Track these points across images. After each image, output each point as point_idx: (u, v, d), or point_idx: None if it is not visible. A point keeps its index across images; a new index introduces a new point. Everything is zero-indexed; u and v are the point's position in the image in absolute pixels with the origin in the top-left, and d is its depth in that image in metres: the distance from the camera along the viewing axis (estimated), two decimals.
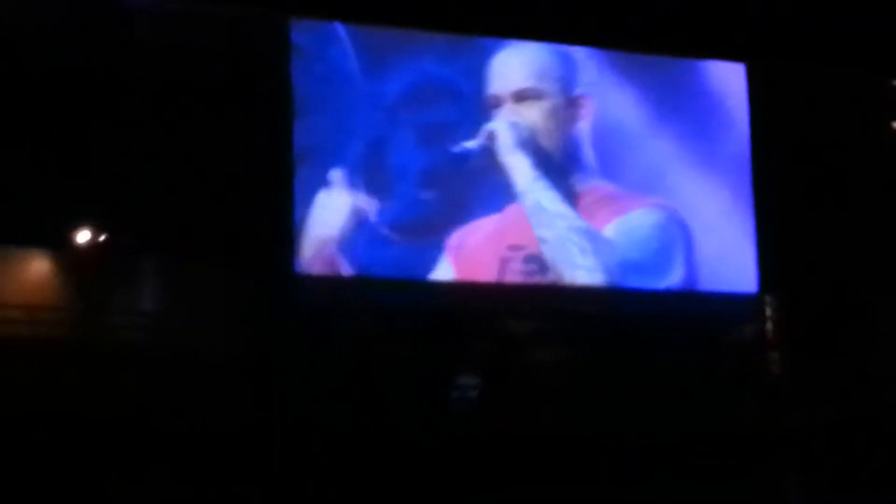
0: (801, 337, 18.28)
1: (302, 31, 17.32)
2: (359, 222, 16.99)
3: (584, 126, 17.81)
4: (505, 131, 17.37)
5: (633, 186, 17.96)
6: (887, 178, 18.84)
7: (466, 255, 17.23)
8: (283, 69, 17.11)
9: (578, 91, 17.91)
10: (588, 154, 17.81)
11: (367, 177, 17.13)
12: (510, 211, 17.42)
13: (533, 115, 17.55)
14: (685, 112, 18.50)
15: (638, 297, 17.68)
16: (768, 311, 18.35)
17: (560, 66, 17.96)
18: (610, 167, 17.91)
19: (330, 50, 17.30)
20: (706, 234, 18.02)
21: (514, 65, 17.85)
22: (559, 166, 17.59)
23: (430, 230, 17.21)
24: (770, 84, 18.54)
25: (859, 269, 18.46)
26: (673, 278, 17.71)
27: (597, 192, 17.74)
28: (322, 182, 16.96)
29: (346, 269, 16.89)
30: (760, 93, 18.56)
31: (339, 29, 17.39)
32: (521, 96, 17.63)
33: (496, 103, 17.56)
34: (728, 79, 18.82)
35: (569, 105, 17.78)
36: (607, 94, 18.07)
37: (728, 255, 18.17)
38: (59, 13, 16.57)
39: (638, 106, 18.19)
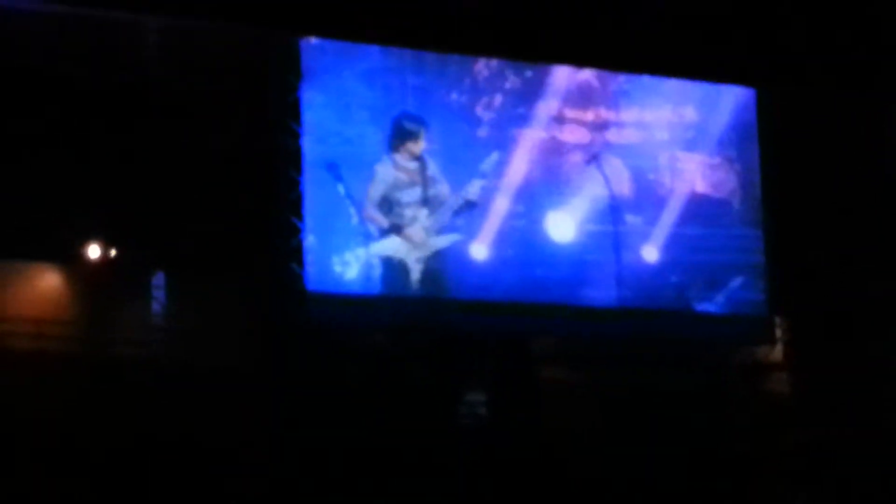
0: (810, 358, 18.27)
1: (312, 51, 17.23)
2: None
3: None
4: None
5: None
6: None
7: None
8: (293, 87, 17.06)
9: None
10: None
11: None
12: None
13: None
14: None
15: (648, 318, 17.64)
16: (778, 333, 18.35)
17: None
18: None
19: (340, 69, 17.25)
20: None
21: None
22: None
23: None
24: (780, 108, 18.53)
25: (868, 291, 18.44)
26: None
27: None
28: (332, 199, 16.88)
29: (355, 287, 16.82)
30: (770, 116, 18.54)
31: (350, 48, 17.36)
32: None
33: None
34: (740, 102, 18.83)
35: None
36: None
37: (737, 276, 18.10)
38: (67, 27, 16.52)
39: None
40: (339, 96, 17.24)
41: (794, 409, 18.04)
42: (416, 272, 17.01)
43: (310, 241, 16.70)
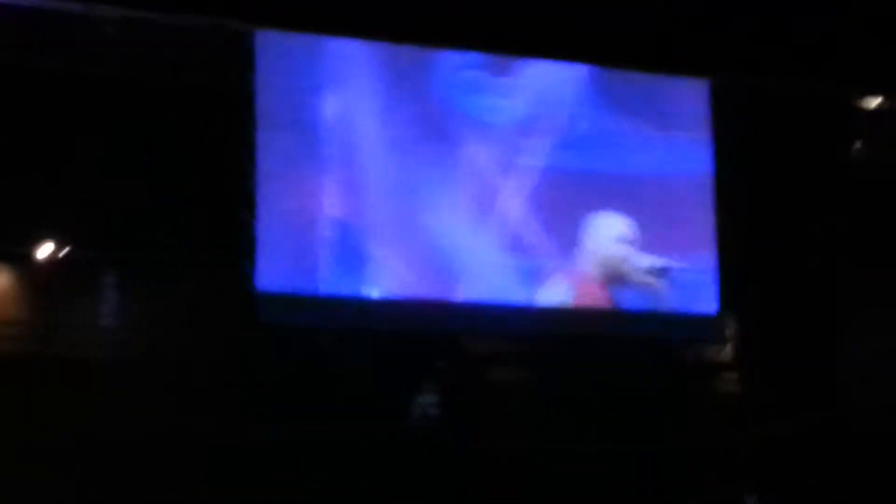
0: (760, 356, 18.36)
1: (266, 44, 17.12)
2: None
3: None
4: None
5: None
6: (850, 197, 18.89)
7: None
8: (246, 81, 16.94)
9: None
10: None
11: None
12: None
13: None
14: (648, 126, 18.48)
15: (599, 317, 17.68)
16: (728, 331, 18.42)
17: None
18: None
19: (294, 63, 17.16)
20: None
21: None
22: None
23: None
24: (734, 100, 18.48)
25: (820, 288, 18.54)
26: None
27: None
28: (286, 195, 16.79)
29: (308, 287, 16.75)
30: (724, 109, 18.49)
31: (305, 41, 17.26)
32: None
33: None
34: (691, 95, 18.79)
35: None
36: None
37: (689, 275, 18.12)
38: (21, 21, 16.37)
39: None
40: (294, 90, 17.12)
41: (745, 406, 18.12)
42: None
43: (262, 237, 16.61)
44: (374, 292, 16.88)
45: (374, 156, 17.19)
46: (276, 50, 17.17)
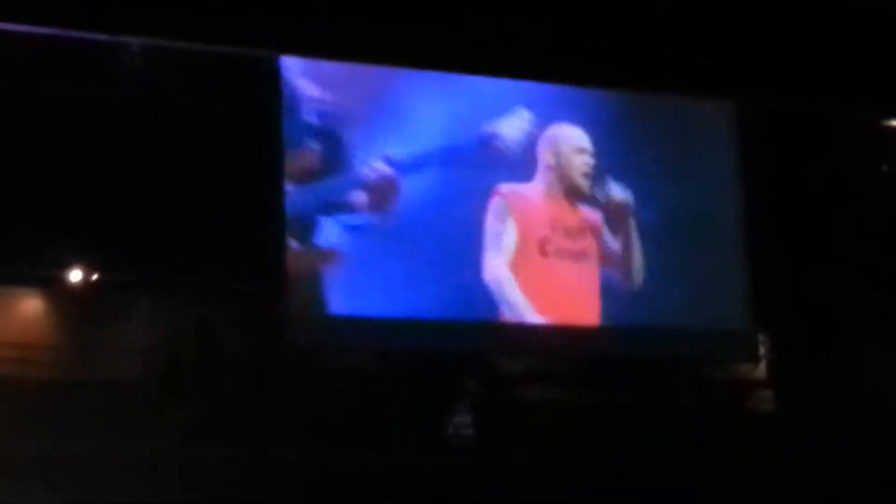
0: (792, 374, 18.30)
1: (291, 69, 17.17)
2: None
3: None
4: None
5: None
6: (877, 216, 18.89)
7: None
8: (273, 106, 16.97)
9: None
10: None
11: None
12: None
13: None
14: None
15: (631, 336, 17.65)
16: (761, 349, 18.36)
17: None
18: None
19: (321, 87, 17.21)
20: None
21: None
22: None
23: None
24: (761, 123, 18.54)
25: (850, 306, 18.51)
26: None
27: None
28: (315, 219, 16.81)
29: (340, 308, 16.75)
30: (752, 131, 18.53)
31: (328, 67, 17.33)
32: None
33: None
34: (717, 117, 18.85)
35: None
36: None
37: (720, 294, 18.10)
38: (45, 48, 16.43)
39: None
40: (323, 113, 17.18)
41: (777, 425, 18.04)
42: None
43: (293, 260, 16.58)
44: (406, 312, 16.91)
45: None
46: (301, 75, 17.20)
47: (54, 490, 14.66)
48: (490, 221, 17.45)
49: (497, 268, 17.33)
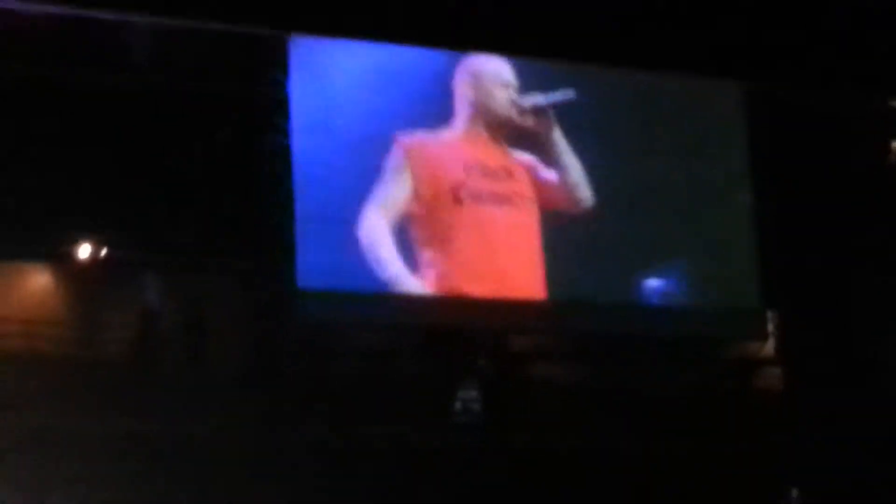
0: (803, 353, 18.25)
1: (301, 48, 17.15)
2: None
3: None
4: None
5: None
6: (888, 196, 18.83)
7: None
8: (282, 86, 16.97)
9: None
10: None
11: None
12: None
13: None
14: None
15: (638, 313, 17.54)
16: (770, 327, 18.29)
17: None
18: None
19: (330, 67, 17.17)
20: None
21: None
22: None
23: None
24: (771, 102, 18.48)
25: (859, 284, 18.46)
26: None
27: None
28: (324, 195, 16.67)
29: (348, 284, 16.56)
30: (761, 110, 18.46)
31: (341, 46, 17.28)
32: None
33: None
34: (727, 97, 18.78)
35: None
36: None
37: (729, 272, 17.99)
38: (53, 27, 16.44)
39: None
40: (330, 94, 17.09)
41: (787, 405, 18.00)
42: None
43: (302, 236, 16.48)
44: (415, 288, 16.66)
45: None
46: (310, 55, 17.17)
47: (64, 466, 14.84)
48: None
49: (374, 227, 16.30)
